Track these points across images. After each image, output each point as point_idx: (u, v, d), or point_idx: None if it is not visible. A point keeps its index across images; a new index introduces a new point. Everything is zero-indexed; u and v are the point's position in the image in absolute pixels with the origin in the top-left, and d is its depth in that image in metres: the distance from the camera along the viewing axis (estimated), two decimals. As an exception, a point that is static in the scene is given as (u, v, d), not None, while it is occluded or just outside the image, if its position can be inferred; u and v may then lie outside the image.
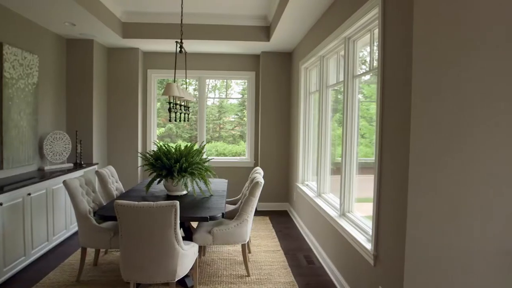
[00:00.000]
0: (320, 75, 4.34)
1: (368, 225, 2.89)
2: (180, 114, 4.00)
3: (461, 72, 2.11)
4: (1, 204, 3.20)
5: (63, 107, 5.37)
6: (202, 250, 3.95)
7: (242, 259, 3.65)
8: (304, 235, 4.83)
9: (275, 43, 5.54)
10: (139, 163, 6.12)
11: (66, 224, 4.48)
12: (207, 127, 6.81)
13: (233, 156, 6.88)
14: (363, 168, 3.36)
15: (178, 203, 2.59)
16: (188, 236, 3.58)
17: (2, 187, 3.39)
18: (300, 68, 5.30)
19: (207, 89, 6.92)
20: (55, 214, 4.21)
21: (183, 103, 4.10)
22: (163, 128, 7.00)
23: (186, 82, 6.56)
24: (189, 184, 3.64)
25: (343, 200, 3.42)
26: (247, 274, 3.52)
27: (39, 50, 4.66)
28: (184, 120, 4.34)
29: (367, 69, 3.15)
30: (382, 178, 2.52)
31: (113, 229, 3.29)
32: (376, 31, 2.79)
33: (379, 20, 2.54)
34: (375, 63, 2.81)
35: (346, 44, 3.36)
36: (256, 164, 6.54)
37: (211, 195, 3.72)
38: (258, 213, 6.03)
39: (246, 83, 6.67)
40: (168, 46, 5.78)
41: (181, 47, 3.93)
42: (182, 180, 3.54)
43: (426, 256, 2.15)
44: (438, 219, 2.15)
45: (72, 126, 5.43)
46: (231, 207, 4.17)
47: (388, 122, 2.43)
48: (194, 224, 4.29)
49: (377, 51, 2.70)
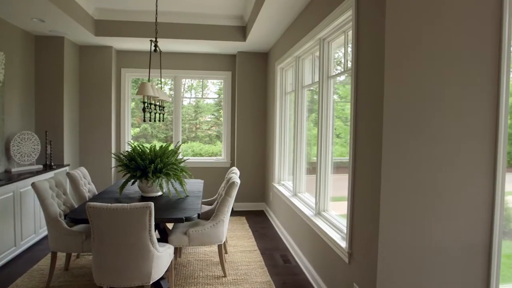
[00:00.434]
0: (296, 75, 4.37)
1: (343, 223, 2.94)
2: (155, 114, 3.93)
3: (431, 72, 2.18)
4: (-36, 208, 3.05)
5: (31, 107, 5.17)
6: (178, 251, 3.90)
7: (219, 260, 3.63)
8: (280, 234, 4.86)
9: (251, 43, 5.54)
10: (113, 164, 5.98)
11: (35, 228, 4.32)
12: (183, 127, 6.74)
13: (209, 156, 6.83)
14: (339, 168, 3.41)
15: (152, 204, 2.54)
16: (164, 237, 3.53)
17: (-35, 190, 3.23)
18: (276, 68, 5.33)
19: (183, 88, 6.84)
20: (23, 218, 4.05)
21: (158, 103, 4.04)
22: (138, 128, 6.86)
23: (161, 82, 6.46)
24: (164, 185, 3.59)
25: (319, 199, 3.46)
26: (223, 275, 3.50)
27: (5, 47, 4.47)
28: (159, 120, 4.28)
29: (342, 70, 3.20)
30: (356, 177, 2.56)
31: (85, 232, 3.20)
32: (350, 33, 2.83)
33: (353, 22, 2.58)
34: (350, 64, 2.86)
35: (321, 45, 3.40)
36: (232, 164, 6.53)
37: (187, 196, 3.68)
38: (234, 213, 6.02)
39: (223, 83, 6.64)
40: (142, 44, 5.68)
41: (155, 46, 3.86)
42: (157, 181, 3.49)
43: (399, 253, 2.21)
44: (409, 218, 2.21)
45: (41, 126, 5.24)
46: (207, 207, 4.14)
47: (361, 122, 2.48)
48: (170, 226, 4.23)
49: (351, 52, 2.75)
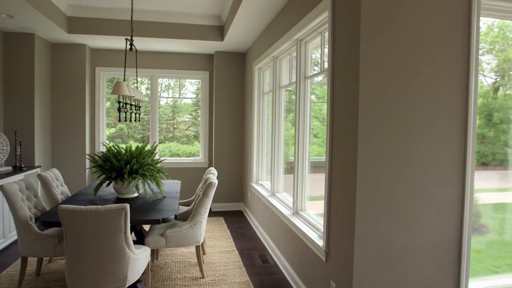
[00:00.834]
0: (274, 75, 4.39)
1: (320, 222, 2.98)
2: (131, 114, 3.86)
3: (405, 73, 2.24)
4: None
5: None
6: (155, 253, 3.84)
7: (197, 261, 3.60)
8: (258, 234, 4.87)
9: (229, 43, 5.53)
10: (87, 165, 5.83)
11: (4, 233, 4.16)
12: (160, 127, 6.65)
13: (187, 156, 6.77)
14: (317, 167, 3.45)
15: (128, 206, 2.49)
16: (140, 239, 3.46)
17: None
18: (254, 68, 5.34)
19: (160, 88, 6.75)
20: (-9, 222, 3.89)
21: (134, 103, 3.97)
22: (113, 129, 6.72)
23: (137, 81, 6.35)
24: (140, 186, 3.53)
25: (296, 198, 3.48)
26: (201, 276, 3.48)
27: (-29, 44, 4.28)
28: (135, 120, 4.20)
29: (320, 70, 3.24)
30: (332, 177, 2.60)
31: (57, 235, 3.10)
32: (327, 34, 2.87)
33: (329, 23, 2.62)
34: (326, 65, 2.90)
35: (298, 46, 3.43)
36: (210, 165, 6.49)
37: (164, 197, 3.64)
38: (212, 213, 5.99)
39: (200, 83, 6.59)
40: (118, 43, 5.56)
41: (131, 44, 3.80)
42: (133, 182, 3.43)
43: (374, 250, 2.26)
44: (384, 216, 2.26)
45: (10, 127, 5.04)
46: (185, 208, 4.10)
47: (337, 123, 2.52)
48: (147, 227, 4.16)
49: (327, 53, 2.79)
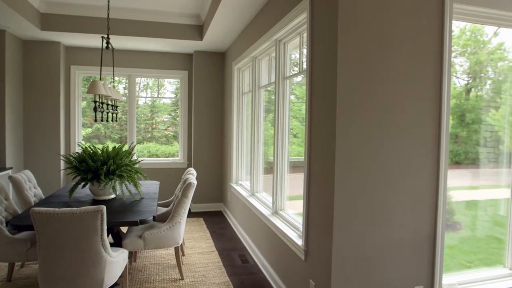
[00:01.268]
0: (253, 75, 4.40)
1: (300, 222, 3.00)
2: (108, 113, 3.78)
3: (382, 75, 2.28)
4: None
5: (-32, 105, 4.78)
6: (133, 255, 3.78)
7: (176, 263, 3.56)
8: (238, 234, 4.86)
9: (208, 42, 5.49)
10: (62, 167, 5.67)
11: (-27, 237, 3.98)
12: (138, 127, 6.54)
13: (166, 157, 6.69)
14: (297, 167, 3.47)
15: (104, 207, 2.44)
16: (118, 242, 3.40)
17: None
18: (233, 68, 5.33)
19: (138, 88, 6.64)
20: (-41, 226, 3.72)
21: (110, 102, 3.89)
22: (90, 129, 6.56)
23: (114, 80, 6.22)
24: (117, 187, 3.46)
25: (276, 198, 3.50)
26: (180, 278, 3.44)
27: None
28: (112, 120, 4.12)
29: (299, 71, 3.26)
30: (311, 176, 2.62)
31: (30, 239, 3.00)
32: (305, 35, 2.89)
33: (308, 24, 2.64)
34: (305, 66, 2.92)
35: (277, 46, 3.45)
36: (189, 165, 6.44)
37: (142, 198, 3.58)
38: (192, 214, 5.94)
39: (179, 83, 6.53)
40: (94, 41, 5.43)
41: (107, 43, 3.72)
42: (110, 183, 3.36)
43: (352, 248, 2.29)
44: (361, 214, 2.30)
45: (-20, 127, 4.85)
46: (164, 209, 4.05)
47: (316, 123, 2.54)
48: (124, 229, 4.09)
49: (306, 54, 2.81)
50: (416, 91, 2.36)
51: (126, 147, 3.72)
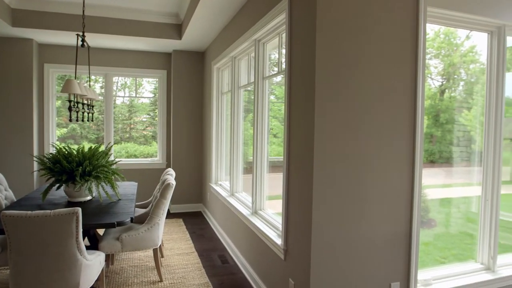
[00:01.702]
0: (232, 75, 4.38)
1: (279, 221, 3.01)
2: (83, 113, 3.69)
3: (359, 75, 2.32)
4: None
5: None
6: (110, 258, 3.70)
7: (154, 265, 3.51)
8: (218, 235, 4.84)
9: (187, 41, 5.44)
10: (35, 168, 5.49)
11: None
12: (115, 127, 6.41)
13: (145, 157, 6.58)
14: (277, 167, 3.48)
15: (80, 210, 2.38)
16: (94, 244, 3.31)
17: None
18: (213, 68, 5.30)
19: (115, 87, 6.51)
20: None
21: (86, 102, 3.80)
22: (65, 129, 6.38)
23: (90, 79, 6.08)
24: (94, 188, 3.38)
25: (255, 198, 3.50)
26: (159, 280, 3.39)
27: None
28: (88, 120, 4.03)
29: (278, 71, 3.27)
30: (290, 176, 2.64)
31: (0, 243, 2.89)
32: (284, 35, 2.91)
33: (286, 25, 2.65)
34: (284, 66, 2.93)
35: (257, 46, 3.45)
36: (168, 165, 6.36)
37: (119, 199, 3.51)
38: (171, 215, 5.87)
39: (158, 82, 6.43)
40: (68, 38, 5.28)
41: (83, 40, 3.63)
42: (86, 184, 3.27)
43: (330, 246, 2.32)
44: (339, 213, 2.33)
45: None
46: (142, 210, 3.98)
47: (295, 122, 2.56)
48: (101, 232, 4.00)
49: (285, 54, 2.82)
50: (392, 92, 2.41)
51: (102, 148, 3.64)
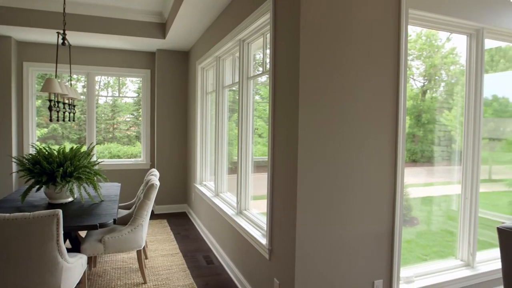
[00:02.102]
0: (217, 75, 4.37)
1: (264, 221, 3.01)
2: (64, 113, 3.62)
3: (343, 75, 2.34)
4: None
5: None
6: (92, 260, 3.64)
7: (138, 266, 3.47)
8: (203, 235, 4.81)
9: (171, 41, 5.39)
10: (14, 169, 5.35)
11: None
12: (98, 127, 6.30)
13: (128, 158, 6.49)
14: (262, 167, 3.48)
15: (61, 211, 2.32)
16: (76, 247, 3.25)
17: None
18: (197, 67, 5.27)
19: (98, 86, 6.40)
20: None
21: (67, 101, 3.72)
22: (46, 129, 6.23)
23: (72, 78, 5.96)
24: (75, 190, 3.31)
25: (240, 198, 3.50)
26: (143, 282, 3.35)
27: None
28: (69, 120, 3.95)
29: (263, 71, 3.28)
30: (274, 176, 2.64)
31: (-22, 247, 2.80)
32: (269, 35, 2.91)
33: (271, 25, 2.66)
34: (268, 66, 2.94)
35: (241, 46, 3.44)
36: (152, 166, 6.29)
37: (102, 201, 3.45)
38: (155, 216, 5.81)
39: (141, 81, 6.36)
40: (49, 36, 5.16)
41: (64, 39, 3.55)
42: (67, 186, 3.20)
43: (315, 246, 2.33)
44: (324, 213, 2.34)
45: None
46: (125, 212, 3.92)
47: (279, 122, 2.56)
48: (83, 234, 3.92)
49: (269, 54, 2.83)
50: (375, 92, 2.44)
51: (85, 148, 3.57)
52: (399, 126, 2.51)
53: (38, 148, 3.35)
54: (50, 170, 3.12)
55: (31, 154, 3.29)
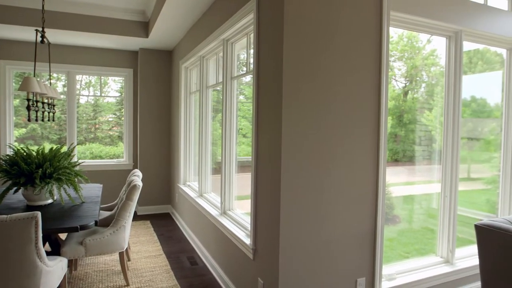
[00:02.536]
0: (201, 75, 4.34)
1: (248, 221, 3.01)
2: (43, 112, 3.53)
3: (324, 75, 2.36)
4: None
5: None
6: (73, 263, 3.56)
7: (121, 269, 3.42)
8: (187, 236, 4.78)
9: (155, 40, 5.33)
10: (-9, 170, 5.19)
11: None
12: (79, 127, 6.17)
13: (110, 158, 6.38)
14: (247, 167, 3.47)
15: (39, 214, 2.27)
16: (56, 250, 3.18)
17: None
18: (181, 67, 5.22)
19: (79, 85, 6.27)
20: None
21: (46, 101, 3.63)
22: (24, 129, 6.07)
23: (52, 77, 5.82)
24: (55, 191, 3.24)
25: (224, 198, 3.48)
26: (126, 284, 3.30)
27: None
28: (49, 120, 3.85)
29: (247, 71, 3.27)
30: (258, 176, 2.64)
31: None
32: (253, 35, 2.91)
33: (254, 25, 2.66)
34: (252, 66, 2.94)
35: (225, 46, 3.43)
36: (135, 166, 6.20)
37: (83, 202, 3.38)
38: (138, 217, 5.73)
39: (124, 81, 6.26)
40: (27, 34, 5.03)
41: (42, 36, 3.47)
42: (47, 187, 3.12)
43: (298, 245, 2.34)
44: (307, 213, 2.36)
45: None
46: (107, 213, 3.86)
47: (263, 122, 2.57)
48: (63, 236, 3.84)
49: (253, 54, 2.82)
50: (357, 92, 2.47)
51: (65, 149, 3.49)
52: (381, 126, 2.55)
53: (15, 148, 3.26)
54: (29, 171, 3.04)
55: (8, 155, 3.20)
